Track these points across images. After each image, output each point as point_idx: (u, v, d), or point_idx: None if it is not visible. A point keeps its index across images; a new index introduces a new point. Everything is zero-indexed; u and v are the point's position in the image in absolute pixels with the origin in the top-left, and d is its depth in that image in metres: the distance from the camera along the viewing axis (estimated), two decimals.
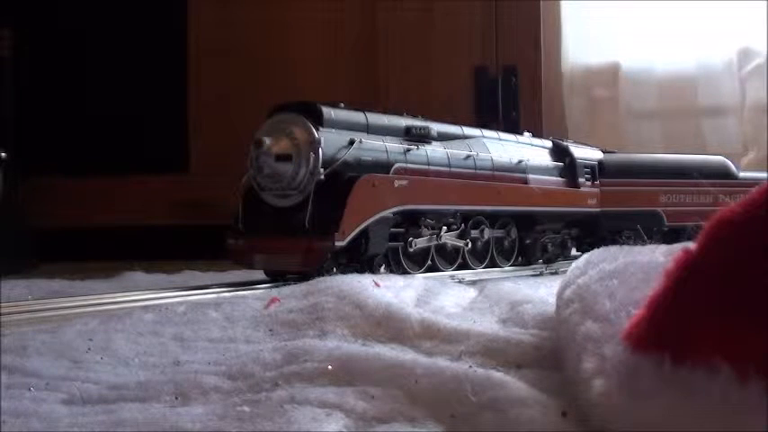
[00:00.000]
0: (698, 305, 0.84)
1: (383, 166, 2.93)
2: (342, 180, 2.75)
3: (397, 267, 2.99)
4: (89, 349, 1.58)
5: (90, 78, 5.33)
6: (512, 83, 5.15)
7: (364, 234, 2.77)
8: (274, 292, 2.23)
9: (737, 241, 0.84)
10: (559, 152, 4.07)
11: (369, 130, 2.98)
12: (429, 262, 3.15)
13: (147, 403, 1.20)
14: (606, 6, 5.35)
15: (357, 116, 2.99)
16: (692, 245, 0.89)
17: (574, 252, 4.24)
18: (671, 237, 4.23)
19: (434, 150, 3.22)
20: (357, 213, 2.74)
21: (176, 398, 1.23)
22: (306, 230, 2.67)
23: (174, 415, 1.10)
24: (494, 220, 3.55)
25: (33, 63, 5.16)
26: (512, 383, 1.13)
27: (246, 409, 1.11)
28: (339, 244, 2.65)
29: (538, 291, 2.31)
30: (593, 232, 4.22)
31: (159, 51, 5.26)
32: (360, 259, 2.80)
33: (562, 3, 5.38)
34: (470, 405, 1.08)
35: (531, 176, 3.72)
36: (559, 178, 3.99)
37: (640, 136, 5.26)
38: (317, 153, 2.72)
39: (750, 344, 0.78)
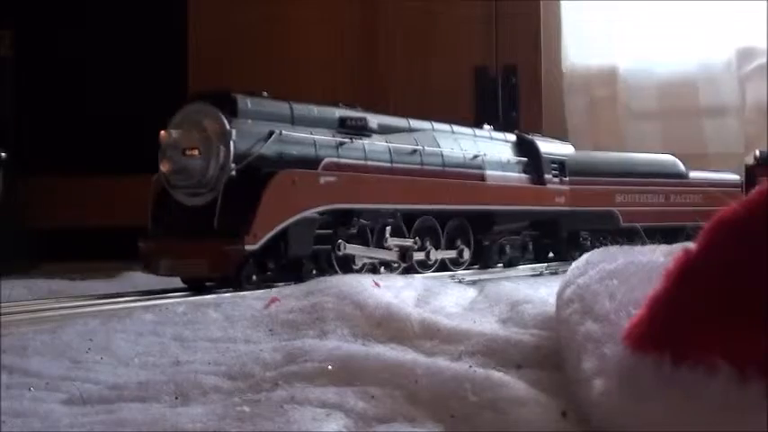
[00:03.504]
0: (698, 305, 0.84)
1: (310, 161, 2.68)
2: (257, 176, 2.49)
3: (328, 272, 2.71)
4: (89, 349, 1.58)
5: (90, 78, 5.33)
6: (512, 83, 5.15)
7: (284, 236, 2.53)
8: (274, 291, 2.23)
9: (737, 241, 0.84)
10: (524, 146, 3.82)
11: (294, 121, 2.73)
12: (365, 267, 2.89)
13: (147, 403, 1.20)
14: (606, 7, 5.35)
15: (280, 106, 2.73)
16: (691, 245, 0.89)
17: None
18: (625, 237, 4.12)
19: (373, 144, 2.96)
20: (273, 213, 2.48)
21: (176, 398, 1.23)
22: (215, 232, 2.43)
23: (174, 415, 1.10)
24: (445, 220, 3.30)
25: (33, 63, 5.16)
26: (512, 383, 1.13)
27: (246, 409, 1.11)
28: (250, 248, 2.40)
29: (538, 291, 2.31)
30: (559, 232, 3.98)
31: (159, 51, 5.26)
32: (281, 263, 2.57)
33: (562, 3, 5.38)
34: (470, 405, 1.08)
35: (488, 173, 3.47)
36: (523, 174, 3.72)
37: (640, 136, 5.25)
38: (227, 146, 2.47)
39: (750, 344, 0.78)
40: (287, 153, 2.63)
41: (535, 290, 2.35)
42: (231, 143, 2.48)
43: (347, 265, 2.79)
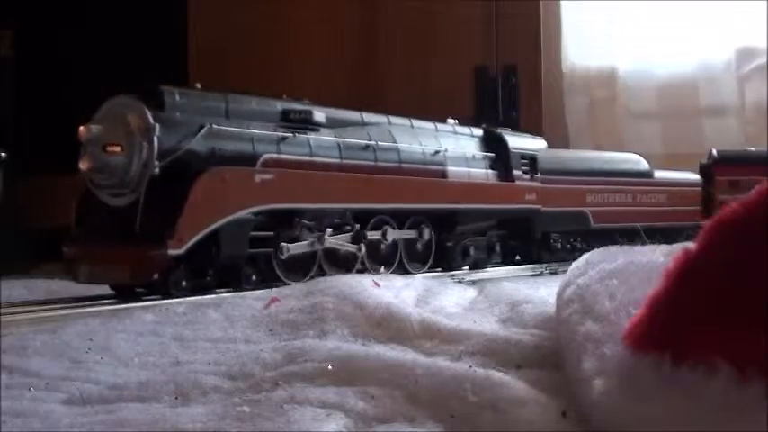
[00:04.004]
0: (698, 305, 0.84)
1: (247, 158, 2.50)
2: (183, 174, 2.30)
3: (269, 277, 2.55)
4: (89, 349, 1.58)
5: (90, 78, 5.32)
6: (512, 83, 5.15)
7: (215, 239, 2.35)
8: (274, 291, 2.23)
9: (737, 241, 0.84)
10: (492, 141, 3.61)
11: (229, 114, 2.54)
12: (314, 270, 2.70)
13: (147, 403, 1.20)
14: (606, 7, 5.35)
15: (214, 99, 2.54)
16: (691, 245, 0.89)
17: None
18: (595, 239, 3.98)
19: (320, 139, 2.76)
20: (200, 215, 2.29)
21: (176, 398, 1.23)
22: (137, 236, 2.25)
23: (174, 415, 1.10)
24: (404, 219, 3.09)
25: (33, 63, 5.16)
26: (512, 383, 1.13)
27: (246, 409, 1.11)
28: (174, 252, 2.22)
29: (538, 291, 2.31)
30: (531, 233, 3.77)
31: (159, 51, 5.25)
32: (214, 269, 2.41)
33: (562, 3, 5.38)
34: (470, 405, 1.08)
35: (451, 169, 3.27)
36: (489, 171, 3.52)
37: (640, 137, 5.25)
38: (151, 142, 2.28)
39: (750, 344, 0.78)
40: (220, 149, 2.43)
41: (535, 290, 2.35)
42: (155, 139, 2.28)
43: (291, 270, 2.62)
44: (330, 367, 1.30)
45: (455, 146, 3.37)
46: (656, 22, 5.22)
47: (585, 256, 1.67)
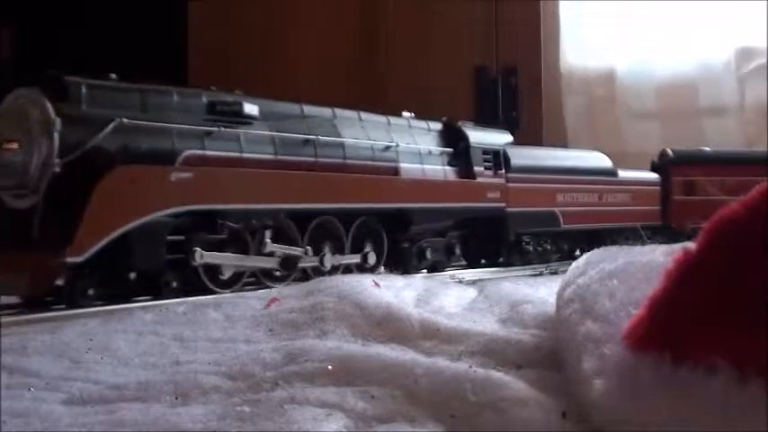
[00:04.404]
0: (698, 305, 0.84)
1: (165, 155, 2.28)
2: (89, 174, 2.10)
3: (197, 285, 2.37)
4: (89, 349, 1.58)
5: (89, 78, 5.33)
6: (512, 83, 5.15)
7: (126, 245, 2.15)
8: (274, 291, 2.23)
9: (737, 241, 0.84)
10: (451, 135, 3.40)
11: (146, 107, 2.32)
12: (242, 281, 2.54)
13: (147, 403, 1.20)
14: (605, 7, 5.35)
15: (128, 91, 2.30)
16: (691, 245, 0.89)
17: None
18: (566, 240, 3.93)
19: (251, 133, 2.55)
20: (105, 218, 2.09)
21: (176, 398, 1.22)
22: (36, 242, 2.07)
23: (174, 415, 1.10)
24: (352, 220, 2.89)
25: (33, 63, 5.15)
26: (512, 383, 1.12)
27: (246, 409, 1.11)
28: (74, 260, 2.02)
29: (538, 291, 2.30)
30: (499, 233, 3.57)
31: (159, 51, 5.26)
32: (128, 276, 2.23)
33: (561, 3, 5.38)
34: (470, 405, 1.08)
35: (404, 165, 3.06)
36: (448, 167, 3.31)
37: (639, 137, 5.26)
38: (51, 138, 2.08)
39: (750, 344, 0.78)
40: (133, 145, 2.21)
41: (535, 290, 2.35)
42: (56, 134, 2.08)
43: (217, 277, 2.43)
44: (330, 367, 1.30)
45: (409, 140, 3.16)
46: (656, 22, 5.22)
47: (586, 255, 1.67)
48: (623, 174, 4.35)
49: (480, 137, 3.50)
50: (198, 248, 2.35)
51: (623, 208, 4.27)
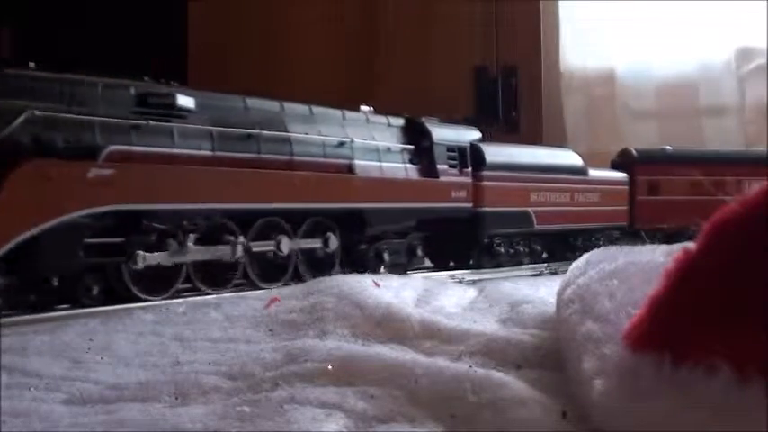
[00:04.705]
0: (698, 305, 0.84)
1: (85, 150, 2.11)
2: None
3: (121, 292, 2.22)
4: (89, 349, 1.58)
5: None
6: (512, 83, 5.15)
7: (37, 248, 1.99)
8: (274, 291, 2.23)
9: (737, 241, 0.84)
10: (414, 132, 3.21)
11: (66, 99, 2.14)
12: (179, 284, 2.36)
13: (148, 403, 1.20)
14: (604, 7, 5.35)
15: (45, 81, 2.14)
16: (691, 245, 0.89)
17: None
18: (538, 242, 3.80)
19: (186, 128, 2.36)
20: (11, 219, 1.92)
21: (176, 398, 1.22)
22: None
23: (174, 415, 1.10)
24: (301, 221, 2.72)
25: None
26: (512, 383, 1.12)
27: (246, 409, 1.11)
28: None
29: (538, 291, 2.31)
30: (470, 234, 3.41)
31: (159, 51, 5.26)
32: (33, 283, 2.05)
33: (560, 3, 5.38)
34: (470, 405, 1.08)
35: (359, 163, 2.88)
36: (408, 165, 3.13)
37: (639, 136, 5.26)
38: None
39: (750, 344, 0.78)
40: (47, 139, 2.03)
41: (535, 290, 2.35)
42: None
43: (150, 284, 2.28)
44: (330, 367, 1.30)
45: (366, 136, 2.97)
46: (656, 22, 5.22)
47: (585, 255, 1.67)
48: (594, 173, 4.23)
49: (445, 133, 3.33)
50: (141, 252, 2.21)
51: (594, 208, 4.15)
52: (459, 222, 3.32)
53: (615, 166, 4.58)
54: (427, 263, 3.42)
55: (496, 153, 3.57)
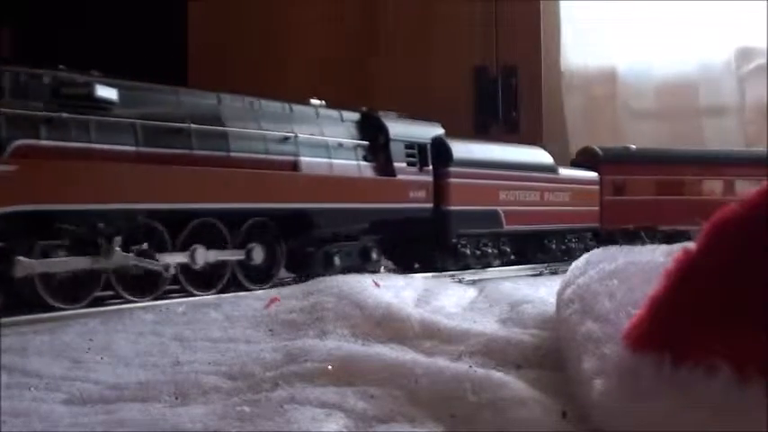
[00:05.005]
0: (698, 305, 0.84)
1: None
2: None
3: (6, 299, 2.01)
4: (89, 349, 1.58)
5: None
6: (512, 83, 5.15)
7: None
8: (274, 291, 2.23)
9: (737, 242, 0.84)
10: (369, 127, 3.01)
11: None
12: (97, 292, 2.17)
13: (147, 403, 1.20)
14: (605, 6, 5.35)
15: None
16: (691, 245, 0.89)
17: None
18: (507, 243, 3.64)
19: (106, 121, 2.17)
20: None
21: (176, 398, 1.22)
22: None
23: (174, 415, 1.10)
24: (240, 222, 2.53)
25: (33, 63, 5.15)
26: (512, 383, 1.12)
27: (246, 409, 1.11)
28: None
29: (538, 291, 2.31)
30: (435, 236, 3.24)
31: (159, 51, 5.26)
32: None
33: (561, 3, 5.38)
34: (470, 405, 1.08)
35: (305, 159, 2.68)
36: (363, 162, 2.93)
37: (639, 136, 5.25)
38: None
39: (750, 344, 0.78)
40: None
41: (535, 290, 2.35)
42: None
43: (54, 293, 2.08)
44: (330, 367, 1.30)
45: (315, 131, 2.78)
46: (656, 22, 5.22)
47: (585, 256, 1.67)
48: (564, 172, 4.07)
49: (403, 129, 3.13)
50: (22, 258, 1.98)
51: (565, 208, 3.99)
52: (421, 223, 3.14)
53: (575, 164, 4.41)
54: (391, 265, 3.28)
55: (464, 150, 3.40)
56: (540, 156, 3.94)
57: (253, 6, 5.33)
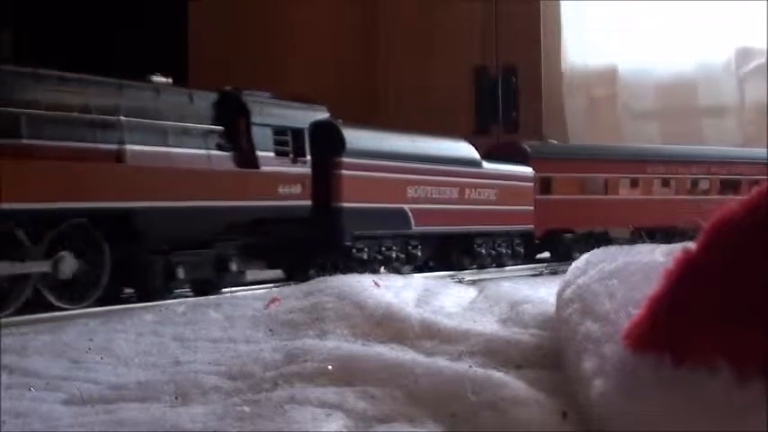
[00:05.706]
0: (698, 305, 0.84)
1: None
2: None
3: None
4: (89, 349, 1.58)
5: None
6: (512, 83, 5.15)
7: None
8: (274, 291, 2.23)
9: (737, 241, 0.84)
10: (229, 110, 2.55)
11: None
12: None
13: (147, 403, 1.20)
14: (605, 6, 5.35)
15: None
16: (691, 245, 0.89)
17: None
18: (418, 246, 3.21)
19: None
20: None
21: (176, 398, 1.23)
22: None
23: (174, 415, 1.10)
24: (51, 225, 2.06)
25: (33, 63, 5.16)
26: (512, 383, 1.12)
27: (246, 409, 1.11)
28: None
29: (538, 291, 2.31)
30: (323, 238, 2.79)
31: (159, 51, 5.26)
32: None
33: (561, 3, 5.38)
34: (470, 405, 1.08)
35: (133, 148, 2.22)
36: (215, 151, 2.47)
37: (639, 136, 5.26)
38: None
39: (750, 344, 0.78)
40: None
41: (535, 290, 2.35)
42: None
43: None
44: (330, 367, 1.30)
45: (154, 115, 2.33)
46: (656, 22, 5.22)
47: (585, 255, 1.67)
48: (489, 166, 3.64)
49: (272, 112, 2.67)
50: None
51: (491, 207, 3.59)
52: (297, 224, 2.70)
53: (495, 158, 3.84)
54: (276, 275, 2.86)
55: (361, 138, 2.98)
56: (460, 148, 3.54)
57: (253, 6, 5.34)
